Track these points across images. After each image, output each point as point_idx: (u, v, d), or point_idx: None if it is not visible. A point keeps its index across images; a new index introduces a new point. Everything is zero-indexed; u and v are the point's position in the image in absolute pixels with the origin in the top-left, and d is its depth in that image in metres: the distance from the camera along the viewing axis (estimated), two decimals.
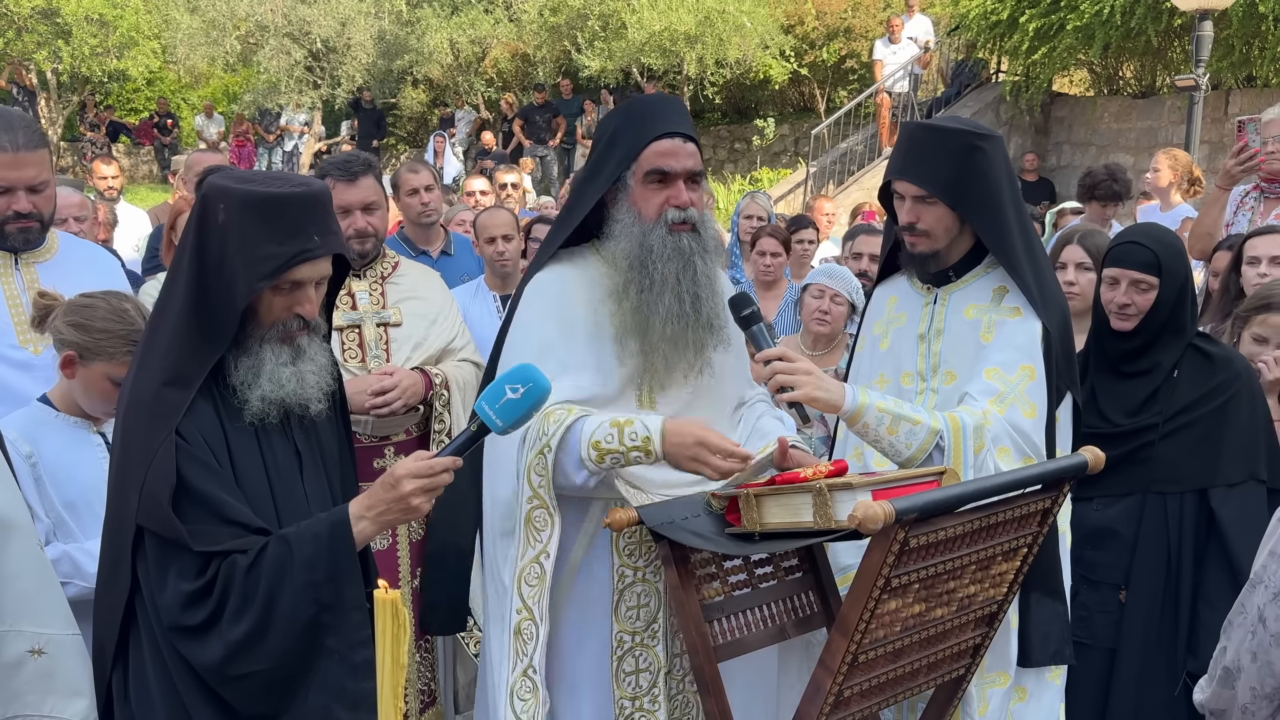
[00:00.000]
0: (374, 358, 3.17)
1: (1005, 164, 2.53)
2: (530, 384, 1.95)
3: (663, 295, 2.34)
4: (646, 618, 2.40)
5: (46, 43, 18.68)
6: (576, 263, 2.46)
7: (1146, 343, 2.88)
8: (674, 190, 2.36)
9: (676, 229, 2.36)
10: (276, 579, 1.83)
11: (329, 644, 1.87)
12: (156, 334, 1.96)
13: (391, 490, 1.89)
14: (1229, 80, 11.32)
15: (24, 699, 1.93)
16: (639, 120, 2.41)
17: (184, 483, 1.84)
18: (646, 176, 2.36)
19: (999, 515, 2.12)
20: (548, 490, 2.26)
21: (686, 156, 2.37)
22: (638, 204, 2.38)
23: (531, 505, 2.27)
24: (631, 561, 2.39)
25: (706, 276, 2.39)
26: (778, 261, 5.35)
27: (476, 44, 18.42)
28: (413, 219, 4.98)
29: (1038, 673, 2.57)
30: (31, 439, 2.43)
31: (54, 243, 3.01)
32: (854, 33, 16.27)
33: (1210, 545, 2.82)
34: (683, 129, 2.40)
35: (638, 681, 2.40)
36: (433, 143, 16.14)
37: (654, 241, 2.35)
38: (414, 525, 3.18)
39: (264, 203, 1.90)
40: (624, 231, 2.38)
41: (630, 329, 2.37)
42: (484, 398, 1.96)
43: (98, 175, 7.15)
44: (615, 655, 2.38)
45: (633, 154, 2.37)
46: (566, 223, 2.48)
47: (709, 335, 2.40)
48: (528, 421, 2.00)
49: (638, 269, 2.35)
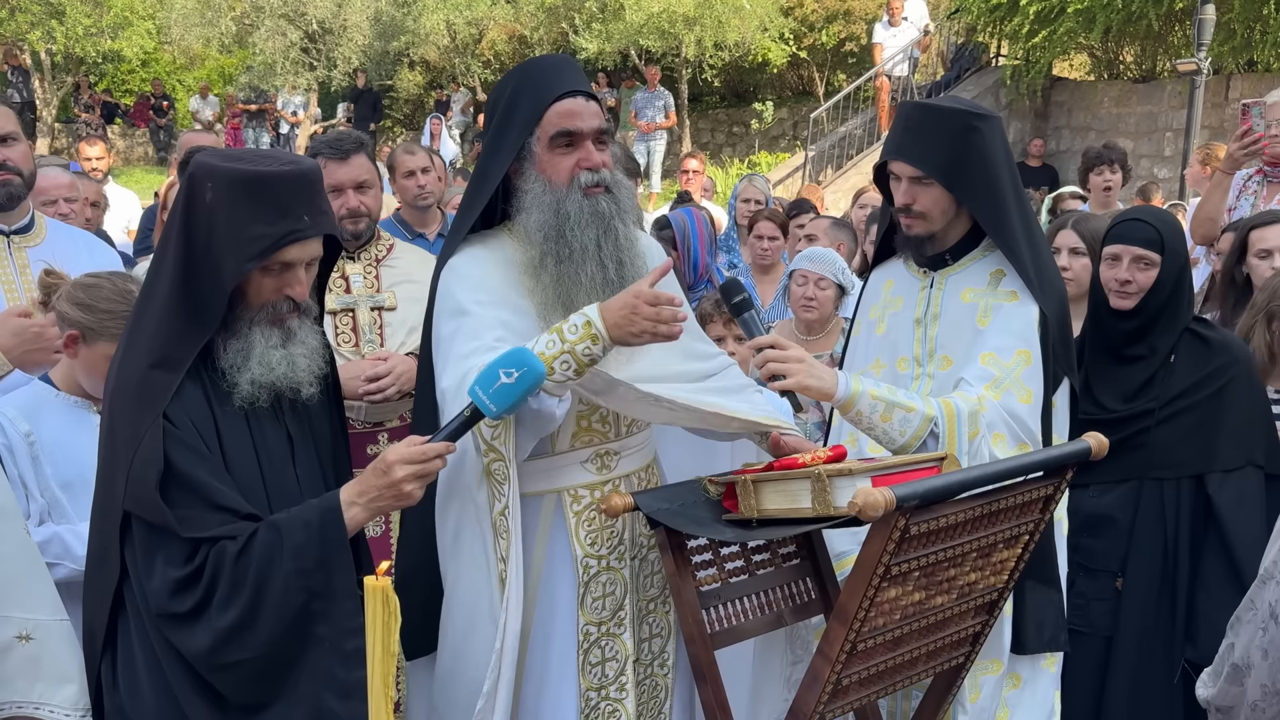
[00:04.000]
0: (368, 342, 3.14)
1: (1003, 145, 2.50)
2: (525, 368, 1.92)
3: (584, 264, 2.21)
4: (613, 606, 2.35)
5: (40, 23, 18.54)
6: (488, 243, 2.33)
7: (1145, 324, 2.86)
8: (584, 152, 2.24)
9: (591, 192, 2.23)
10: (266, 566, 1.81)
11: (319, 632, 1.85)
12: (144, 315, 1.93)
13: (384, 476, 1.87)
14: (1230, 65, 11.29)
15: (12, 685, 1.90)
16: (536, 83, 2.28)
17: (171, 467, 1.81)
18: (553, 140, 2.23)
19: (1001, 502, 2.10)
20: (504, 441, 2.12)
21: (592, 116, 2.25)
22: (546, 171, 2.24)
23: (489, 459, 2.14)
24: (595, 551, 2.32)
25: (628, 239, 2.28)
26: (775, 245, 5.32)
27: (473, 26, 18.32)
28: (409, 201, 4.95)
29: (1032, 660, 2.55)
30: (31, 418, 2.42)
31: (43, 228, 3.00)
32: (853, 16, 16.20)
33: (1208, 532, 2.81)
34: (583, 87, 2.29)
35: (604, 671, 2.34)
36: (429, 125, 16.07)
37: (570, 208, 2.22)
38: None
39: (252, 181, 1.86)
40: (534, 202, 2.24)
41: (552, 303, 2.24)
42: (477, 382, 1.93)
43: (82, 156, 7.10)
44: (581, 648, 2.32)
45: (535, 118, 2.24)
46: (474, 202, 2.32)
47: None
48: (520, 408, 1.96)
49: (554, 239, 2.22)
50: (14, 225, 2.93)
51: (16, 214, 2.94)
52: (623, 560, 2.36)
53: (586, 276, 2.22)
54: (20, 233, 2.93)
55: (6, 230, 2.91)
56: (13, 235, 2.91)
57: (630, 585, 2.37)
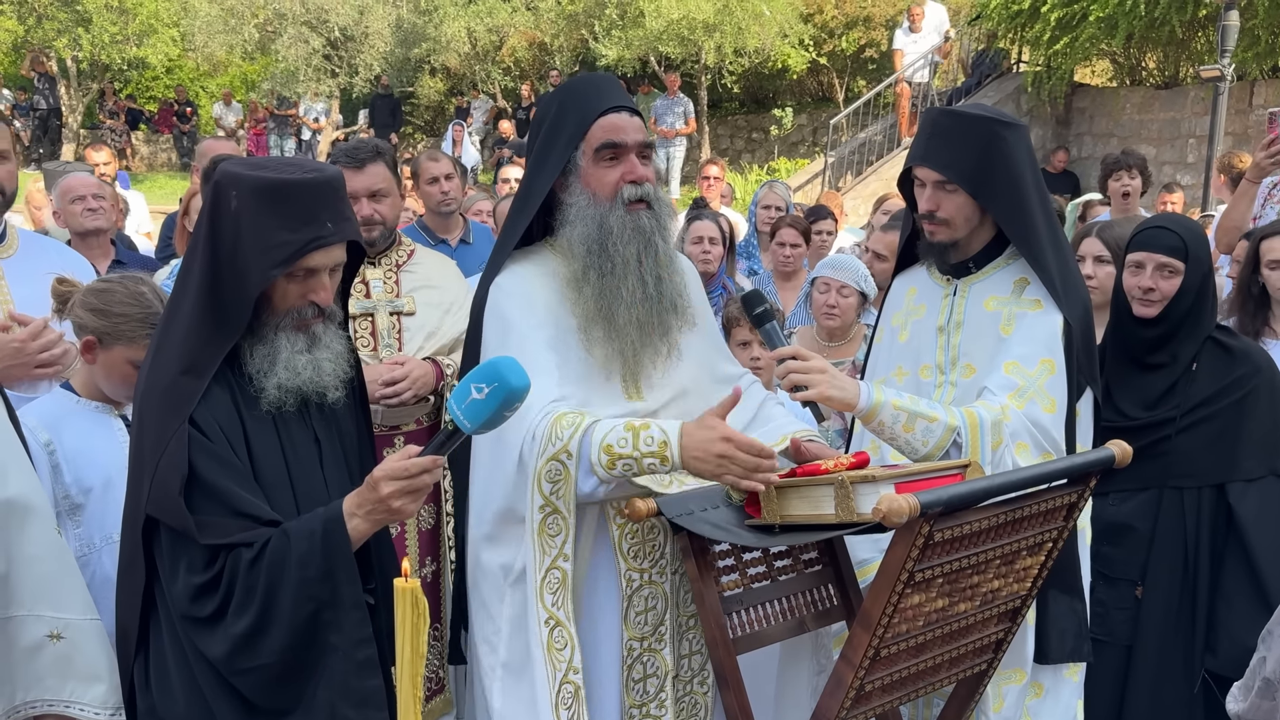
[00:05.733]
0: (386, 346, 3.16)
1: (1029, 153, 2.50)
2: (496, 383, 1.79)
3: (625, 278, 2.25)
4: (654, 621, 2.35)
5: (67, 30, 18.75)
6: (533, 259, 2.38)
7: (1168, 332, 2.84)
8: (628, 165, 2.29)
9: (634, 208, 2.28)
10: (275, 574, 1.81)
11: (332, 641, 1.85)
12: (172, 322, 1.95)
13: (373, 492, 1.84)
14: (1254, 71, 11.19)
15: (44, 683, 1.93)
16: (581, 99, 2.33)
17: (195, 474, 1.83)
18: (598, 153, 2.28)
19: (1024, 510, 2.10)
20: (561, 497, 2.17)
21: (635, 130, 2.31)
22: (591, 184, 2.29)
23: (545, 513, 2.19)
24: (637, 564, 2.33)
25: (667, 256, 2.32)
26: (797, 252, 5.31)
27: (494, 32, 18.40)
28: (432, 207, 4.98)
29: (1055, 669, 2.55)
30: (51, 426, 2.43)
31: (15, 239, 2.93)
32: (873, 21, 16.18)
33: (1229, 541, 2.80)
34: (627, 103, 2.34)
35: (645, 688, 2.35)
36: (450, 131, 16.15)
37: (613, 222, 2.26)
38: (423, 514, 3.17)
39: (276, 189, 1.88)
40: (579, 215, 2.29)
41: (594, 316, 2.28)
42: (453, 396, 1.85)
43: (89, 162, 7.20)
44: (625, 664, 2.32)
45: (580, 133, 2.28)
46: (521, 216, 2.36)
47: (674, 317, 2.33)
48: (501, 423, 1.85)
49: (596, 253, 2.26)
50: None
51: None
52: (664, 574, 2.36)
53: (627, 290, 2.26)
54: None
55: None
56: None
57: (670, 600, 2.37)
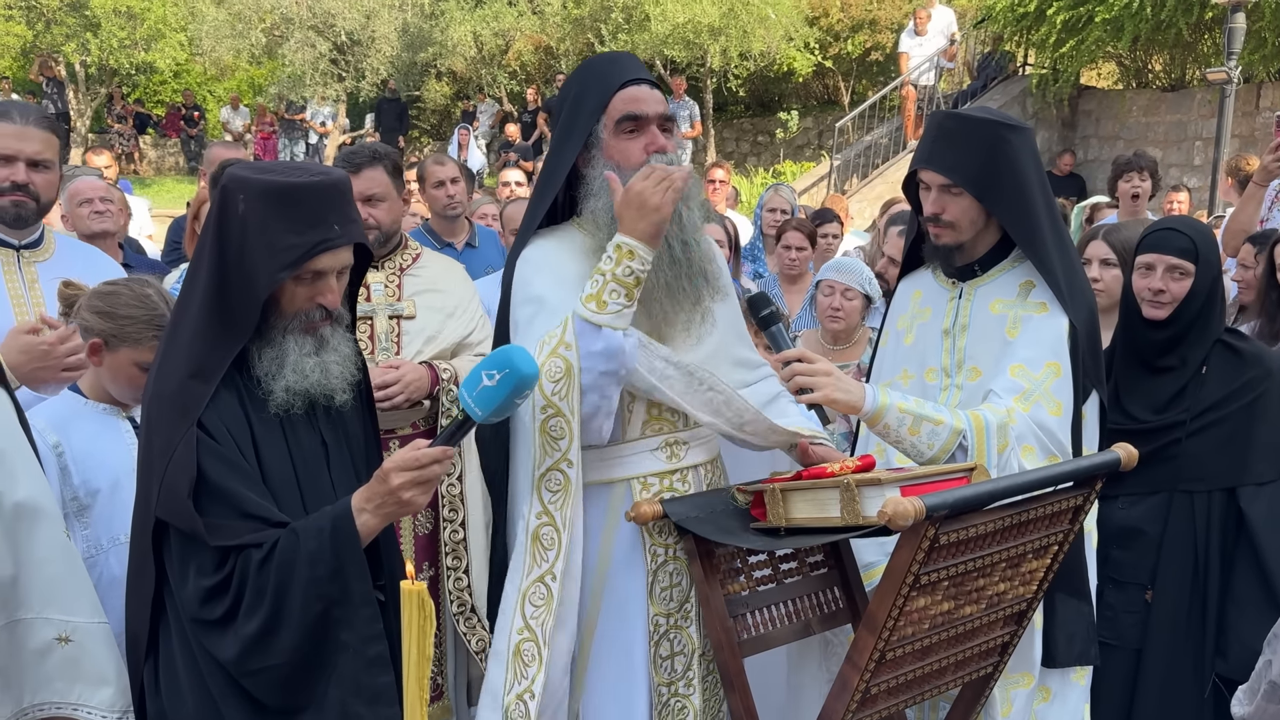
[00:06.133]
0: (383, 350, 3.16)
1: (1034, 156, 2.50)
2: (507, 369, 1.80)
3: None
4: (679, 598, 2.37)
5: (75, 35, 18.86)
6: (559, 235, 2.39)
7: (1178, 334, 2.84)
8: (650, 136, 2.30)
9: None
10: (285, 574, 1.82)
11: (343, 638, 1.86)
12: (179, 326, 1.96)
13: (383, 484, 1.86)
14: (1261, 73, 11.17)
15: (52, 686, 1.94)
16: (601, 74, 2.35)
17: (204, 476, 1.83)
18: (619, 125, 2.29)
19: (1030, 513, 2.10)
20: (564, 398, 2.15)
21: (656, 102, 2.33)
22: (614, 156, 2.30)
23: (547, 414, 2.18)
24: (662, 540, 2.35)
25: (692, 224, 2.33)
26: (803, 255, 5.32)
27: (500, 36, 18.44)
28: (438, 211, 4.99)
29: (1062, 673, 2.54)
30: (59, 428, 2.44)
31: (52, 243, 3.01)
32: (879, 25, 16.18)
33: (1239, 545, 2.79)
34: (646, 76, 2.36)
35: (673, 666, 2.37)
36: (456, 135, 16.17)
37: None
38: (420, 519, 3.17)
39: (283, 192, 1.89)
40: (602, 186, 2.29)
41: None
42: (464, 384, 1.86)
43: (90, 166, 7.24)
44: (653, 640, 2.34)
45: (601, 105, 2.30)
46: (547, 190, 2.38)
47: (704, 283, 2.34)
48: (511, 410, 1.86)
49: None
50: (24, 240, 2.93)
51: (29, 230, 2.93)
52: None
53: (654, 255, 2.24)
54: (30, 247, 2.94)
55: (16, 245, 2.91)
56: (22, 250, 2.92)
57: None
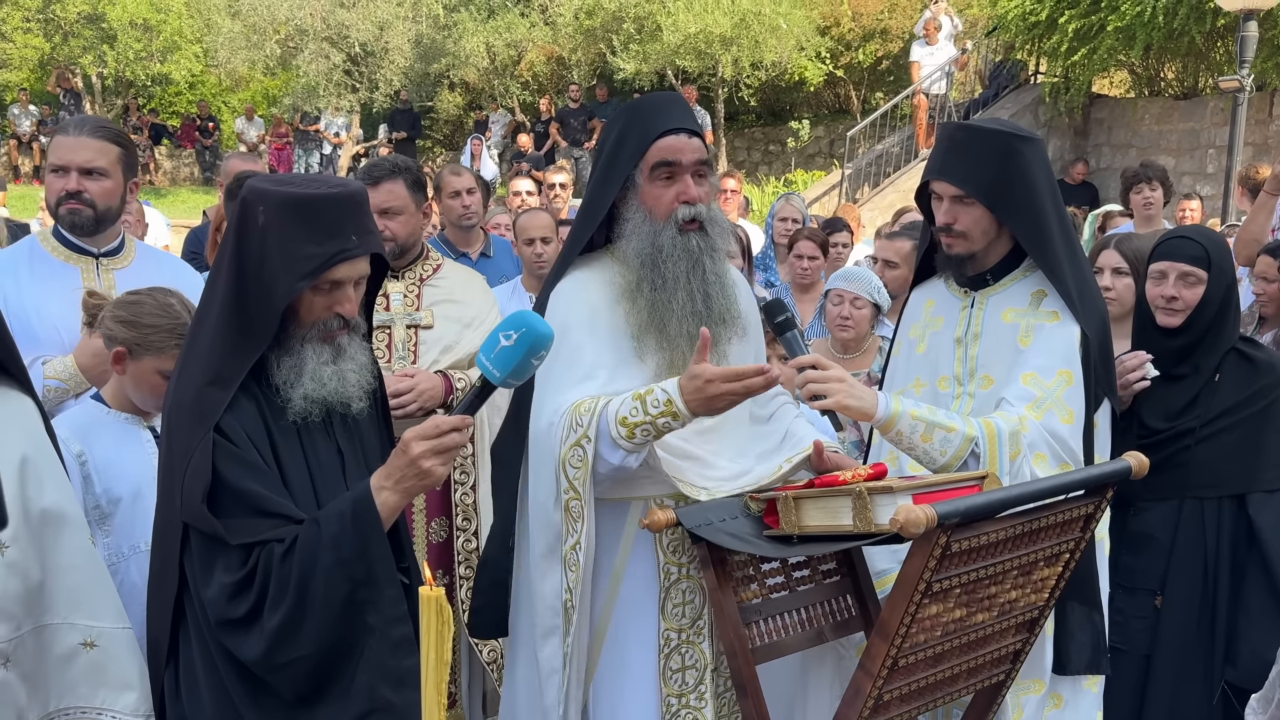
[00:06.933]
0: (399, 359, 3.19)
1: (1045, 166, 2.52)
2: (523, 329, 1.87)
3: (675, 293, 2.37)
4: (692, 614, 2.42)
5: (92, 47, 19.04)
6: (594, 266, 2.49)
7: (1191, 342, 2.84)
8: (682, 185, 2.39)
9: (686, 229, 2.39)
10: (308, 562, 1.84)
11: (370, 621, 1.88)
12: (198, 335, 2.00)
13: (403, 455, 1.89)
14: (1274, 81, 11.13)
15: (76, 691, 1.96)
16: (644, 119, 2.43)
17: (221, 479, 1.86)
18: (654, 171, 2.38)
19: (1042, 520, 2.11)
20: (583, 483, 2.28)
21: (692, 151, 2.40)
22: (647, 203, 2.41)
23: (568, 496, 2.30)
24: (675, 559, 2.40)
25: (715, 275, 2.43)
26: (815, 264, 5.32)
27: (512, 47, 18.52)
28: (454, 221, 5.03)
29: (1074, 680, 2.55)
30: (83, 437, 2.47)
31: (132, 251, 3.09)
32: (890, 34, 16.19)
33: (1249, 552, 2.78)
34: (687, 124, 2.43)
35: (684, 679, 2.40)
36: (469, 145, 16.24)
37: (664, 241, 2.38)
38: (435, 528, 3.19)
39: (302, 204, 1.93)
40: (635, 230, 2.41)
41: (647, 326, 2.40)
42: (482, 348, 1.91)
43: None
44: (662, 653, 2.39)
45: (640, 152, 2.39)
46: (585, 228, 2.50)
47: (723, 329, 2.44)
48: (529, 372, 1.94)
49: (649, 267, 2.38)
50: (103, 248, 3.02)
51: (106, 237, 3.02)
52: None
53: (678, 304, 2.37)
54: (109, 255, 3.02)
55: (95, 253, 3.00)
56: (101, 258, 3.01)
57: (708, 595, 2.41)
